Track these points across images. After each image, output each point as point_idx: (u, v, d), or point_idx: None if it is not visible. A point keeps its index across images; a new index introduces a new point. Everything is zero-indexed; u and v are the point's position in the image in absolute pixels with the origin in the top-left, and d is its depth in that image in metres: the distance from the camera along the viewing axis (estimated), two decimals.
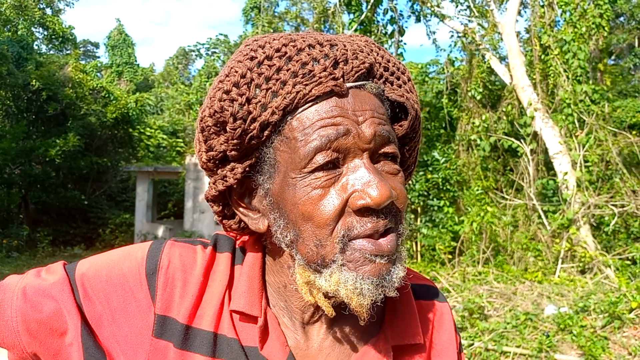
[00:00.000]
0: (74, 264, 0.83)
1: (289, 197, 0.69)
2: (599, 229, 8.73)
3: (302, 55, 0.68)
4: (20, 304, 0.78)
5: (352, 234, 0.67)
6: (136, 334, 0.76)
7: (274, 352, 0.75)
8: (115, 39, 30.46)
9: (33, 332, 0.77)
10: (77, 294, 0.78)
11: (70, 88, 16.75)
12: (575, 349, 5.56)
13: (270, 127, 0.68)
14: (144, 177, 16.84)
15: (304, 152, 0.67)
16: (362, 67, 0.70)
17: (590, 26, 9.11)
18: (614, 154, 8.89)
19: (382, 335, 0.79)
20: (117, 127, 18.44)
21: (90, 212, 18.21)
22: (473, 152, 10.67)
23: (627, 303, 6.01)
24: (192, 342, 0.75)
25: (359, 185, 0.67)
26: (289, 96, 0.67)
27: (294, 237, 0.70)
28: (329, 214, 0.67)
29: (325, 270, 0.68)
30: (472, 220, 8.65)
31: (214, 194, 0.76)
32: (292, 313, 0.78)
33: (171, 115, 24.32)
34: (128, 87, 26.44)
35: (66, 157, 15.86)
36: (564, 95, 8.94)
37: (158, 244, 0.81)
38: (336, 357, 0.77)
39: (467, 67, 11.66)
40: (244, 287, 0.77)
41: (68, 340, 0.76)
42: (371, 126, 0.69)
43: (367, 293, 0.67)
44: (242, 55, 0.72)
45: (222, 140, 0.71)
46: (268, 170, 0.71)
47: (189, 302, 0.76)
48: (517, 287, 7.09)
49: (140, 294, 0.77)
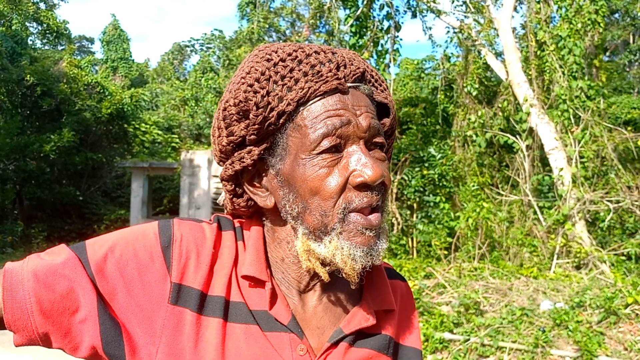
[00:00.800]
0: (79, 245, 0.88)
1: (299, 175, 0.82)
2: (594, 225, 8.76)
3: (311, 59, 0.84)
4: (33, 284, 0.82)
5: (351, 207, 0.81)
6: (152, 303, 0.83)
7: (281, 312, 0.86)
8: (111, 35, 30.30)
9: (46, 312, 0.81)
10: (90, 271, 0.83)
11: (65, 83, 16.65)
12: (571, 344, 5.58)
13: (285, 116, 0.82)
14: (139, 173, 16.79)
15: (313, 137, 0.81)
16: (358, 72, 0.86)
17: (585, 22, 9.12)
18: (609, 149, 8.91)
19: (364, 301, 0.92)
20: (112, 123, 18.36)
21: (85, 208, 18.15)
22: (469, 148, 10.68)
23: (622, 298, 6.03)
24: (207, 307, 0.84)
25: (357, 165, 0.81)
26: (302, 91, 0.81)
27: (302, 209, 0.83)
28: (333, 188, 0.81)
29: (325, 237, 0.81)
30: (468, 216, 8.66)
31: (230, 173, 0.89)
32: (289, 283, 0.90)
33: (166, 111, 24.22)
34: (123, 82, 26.32)
35: (61, 153, 15.78)
36: (560, 91, 8.95)
37: (166, 222, 0.90)
38: (328, 319, 0.90)
39: (463, 63, 11.66)
40: (252, 257, 0.88)
41: (80, 317, 0.82)
42: (366, 119, 0.83)
43: (358, 259, 0.81)
44: (259, 58, 0.86)
45: (243, 126, 0.84)
46: (280, 152, 0.84)
47: (203, 271, 0.86)
48: (512, 283, 7.11)
49: (157, 265, 0.85)
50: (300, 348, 0.85)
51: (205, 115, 20.66)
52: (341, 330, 0.88)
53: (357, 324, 0.89)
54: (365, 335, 0.90)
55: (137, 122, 19.77)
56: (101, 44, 30.24)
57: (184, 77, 31.65)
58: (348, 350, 0.88)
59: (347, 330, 0.88)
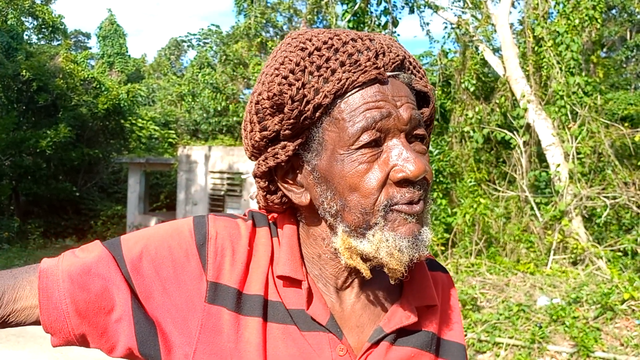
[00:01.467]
0: (114, 241, 0.87)
1: (337, 171, 0.78)
2: (591, 221, 8.77)
3: (348, 47, 0.79)
4: (68, 285, 0.81)
5: (393, 202, 0.78)
6: (187, 302, 0.81)
7: (318, 311, 0.84)
8: (107, 30, 30.18)
9: (82, 313, 0.80)
10: (124, 269, 0.82)
11: (61, 78, 16.59)
12: (567, 339, 5.59)
13: (321, 109, 0.78)
14: (135, 168, 16.76)
15: (352, 131, 0.77)
16: (397, 60, 0.81)
17: (583, 18, 9.11)
18: (606, 145, 8.91)
19: (405, 297, 0.89)
20: (108, 118, 18.31)
21: (81, 203, 18.11)
22: (466, 144, 10.68)
23: (619, 294, 6.05)
24: (244, 306, 0.82)
25: (398, 160, 0.77)
26: (339, 82, 0.77)
27: (341, 207, 0.79)
28: (373, 185, 0.77)
29: (368, 232, 0.78)
30: (465, 212, 8.66)
31: (264, 170, 0.85)
32: (326, 280, 0.87)
33: (163, 107, 24.16)
34: (119, 77, 26.23)
35: (57, 149, 15.73)
36: (557, 87, 8.95)
37: (201, 218, 0.88)
38: (367, 317, 0.87)
39: (460, 59, 11.64)
40: (287, 255, 0.86)
41: (115, 316, 0.81)
42: (407, 110, 0.79)
43: (405, 250, 0.77)
44: (292, 47, 0.81)
45: (277, 120, 0.80)
46: (316, 148, 0.81)
47: (239, 269, 0.84)
48: (509, 279, 7.12)
49: (192, 263, 0.83)
50: (340, 348, 0.83)
51: (202, 110, 20.60)
52: (381, 329, 0.86)
53: (398, 322, 0.86)
54: (407, 333, 0.88)
55: (134, 117, 19.71)
56: (97, 39, 30.14)
57: (180, 72, 31.55)
58: (389, 350, 0.85)
59: (388, 329, 0.86)
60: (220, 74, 21.18)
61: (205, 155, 15.15)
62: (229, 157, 14.85)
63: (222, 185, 14.89)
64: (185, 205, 15.28)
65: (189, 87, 21.83)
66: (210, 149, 15.32)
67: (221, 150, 15.17)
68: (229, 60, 21.39)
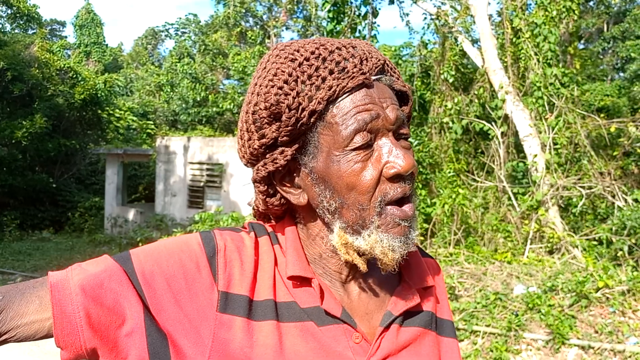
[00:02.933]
0: (124, 255, 0.88)
1: (334, 171, 0.84)
2: (567, 210, 8.90)
3: (334, 55, 0.85)
4: (81, 299, 0.81)
5: (387, 198, 0.84)
6: (199, 312, 0.84)
7: (331, 305, 0.89)
8: (83, 18, 29.68)
9: (95, 326, 0.81)
10: (136, 282, 0.84)
11: (37, 68, 16.30)
12: (543, 327, 5.68)
13: (316, 115, 0.83)
14: (113, 159, 16.56)
15: (346, 134, 0.83)
16: (379, 64, 0.88)
17: (560, 9, 9.19)
18: (582, 136, 9.03)
19: (405, 282, 0.97)
20: (85, 109, 18.05)
21: (58, 195, 17.87)
22: (445, 134, 10.74)
23: (593, 282, 6.15)
24: (256, 312, 0.86)
25: (389, 157, 0.84)
26: (330, 89, 0.83)
27: (339, 204, 0.85)
28: (369, 182, 0.83)
29: (364, 231, 0.84)
30: (444, 203, 8.72)
31: (264, 174, 0.90)
32: (331, 276, 0.92)
33: (141, 97, 23.88)
34: (96, 67, 25.84)
35: (33, 139, 15.49)
36: (535, 79, 9.03)
37: (208, 233, 0.92)
38: (374, 304, 0.94)
39: (439, 50, 11.68)
40: (294, 257, 0.90)
41: (126, 330, 0.82)
42: (393, 111, 0.85)
43: (397, 249, 0.84)
44: (282, 59, 0.87)
45: (275, 128, 0.85)
46: (312, 151, 0.86)
47: (248, 278, 0.87)
48: (487, 268, 7.20)
49: (204, 275, 0.86)
50: (355, 336, 0.88)
51: (181, 101, 20.41)
52: (390, 312, 0.92)
53: (404, 305, 0.93)
54: (412, 314, 0.95)
55: (111, 108, 19.46)
56: (74, 28, 29.62)
57: (158, 62, 31.18)
58: (399, 331, 0.92)
59: (396, 312, 0.92)
60: (199, 64, 20.98)
61: (184, 146, 15.02)
62: (208, 148, 14.74)
63: (202, 177, 14.80)
64: (164, 197, 15.16)
65: (167, 77, 21.60)
66: (190, 139, 15.19)
67: (200, 141, 15.05)
68: (208, 50, 21.20)
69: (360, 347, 0.88)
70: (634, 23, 18.41)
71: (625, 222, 7.43)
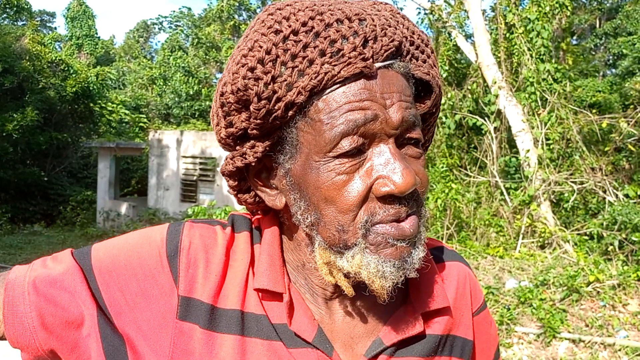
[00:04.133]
0: (84, 250, 0.80)
1: (312, 181, 0.68)
2: (559, 205, 8.96)
3: (331, 31, 0.65)
4: (33, 298, 0.75)
5: (375, 220, 0.66)
6: (159, 318, 0.74)
7: (303, 326, 0.74)
8: (75, 11, 29.45)
9: (49, 327, 0.74)
10: (92, 282, 0.76)
11: (28, 60, 16.17)
12: (534, 321, 5.73)
13: (295, 108, 0.66)
14: (105, 153, 16.48)
15: (330, 136, 0.65)
16: (392, 46, 0.68)
17: (554, 5, 9.22)
18: (574, 132, 9.08)
19: (410, 304, 0.79)
20: (77, 102, 17.94)
21: (50, 188, 17.78)
22: (438, 129, 10.76)
23: (584, 277, 6.21)
24: (219, 323, 0.73)
25: (383, 171, 0.66)
26: (317, 77, 0.64)
27: (315, 220, 0.69)
28: (352, 200, 0.66)
29: (347, 252, 0.68)
30: (437, 197, 8.75)
31: (231, 169, 0.75)
32: (313, 290, 0.77)
33: (133, 90, 23.77)
34: (88, 60, 25.67)
35: (24, 132, 15.38)
36: (528, 74, 9.06)
37: (176, 226, 0.79)
38: (362, 328, 0.77)
39: (433, 45, 11.65)
40: (265, 265, 0.76)
41: (85, 331, 0.74)
42: (399, 111, 0.67)
43: (388, 275, 0.67)
44: (265, 28, 0.68)
45: (244, 117, 0.69)
46: (290, 150, 0.70)
47: (212, 282, 0.75)
48: (479, 262, 7.24)
49: (162, 276, 0.75)
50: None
51: (174, 94, 20.32)
52: (381, 341, 0.76)
53: (401, 334, 0.76)
54: (409, 342, 0.77)
55: (104, 101, 19.35)
56: (65, 20, 29.39)
57: (150, 55, 31.00)
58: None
59: (388, 341, 0.75)
60: (192, 57, 20.89)
61: (177, 139, 14.98)
62: (201, 142, 14.71)
63: (195, 170, 14.76)
64: (157, 191, 15.12)
65: (160, 70, 21.50)
66: (182, 133, 15.15)
67: (193, 135, 15.01)
68: (201, 44, 21.09)
69: None
70: (626, 19, 18.49)
71: (616, 217, 7.49)
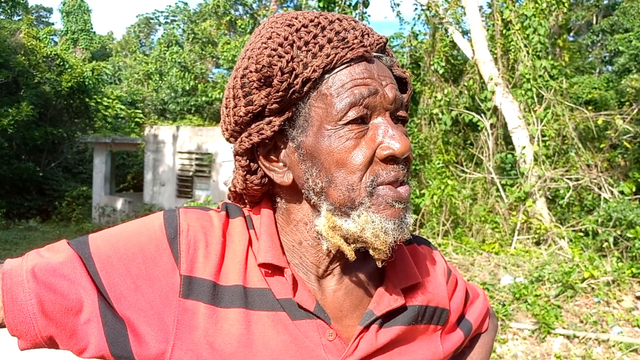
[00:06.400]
0: (81, 240, 0.84)
1: (324, 147, 0.78)
2: (554, 202, 8.97)
3: (334, 25, 0.80)
4: (33, 285, 0.77)
5: (379, 180, 0.78)
6: (161, 298, 0.79)
7: (304, 298, 0.83)
8: (71, 5, 29.31)
9: (49, 314, 0.77)
10: (91, 268, 0.80)
11: (23, 55, 16.10)
12: (529, 317, 5.75)
13: (309, 84, 0.78)
14: (101, 148, 16.43)
15: (340, 107, 0.77)
16: (381, 42, 0.83)
17: (550, 2, 9.21)
18: (570, 129, 9.09)
19: (389, 280, 0.89)
20: (72, 97, 17.87)
21: (45, 184, 17.73)
22: (435, 126, 10.75)
23: (579, 273, 6.22)
24: (222, 298, 0.80)
25: (384, 138, 0.78)
26: (327, 57, 0.77)
27: (326, 183, 0.79)
28: (360, 161, 0.78)
29: (353, 212, 0.78)
30: (433, 194, 8.76)
31: (247, 147, 0.83)
32: (307, 268, 0.86)
33: (129, 85, 23.69)
34: (84, 55, 25.57)
35: (19, 127, 15.32)
36: (524, 71, 9.06)
37: (171, 212, 0.86)
38: (350, 303, 0.87)
39: (430, 41, 11.67)
40: (267, 244, 0.84)
41: (84, 317, 0.78)
42: (392, 90, 0.81)
43: (390, 232, 0.78)
44: (278, 24, 0.82)
45: (264, 94, 0.79)
46: (302, 124, 0.80)
47: (213, 261, 0.81)
48: (475, 258, 7.26)
49: (164, 258, 0.81)
50: (329, 333, 0.83)
51: (170, 90, 20.26)
52: (372, 312, 0.86)
53: (387, 306, 0.87)
54: (394, 314, 0.88)
55: (99, 96, 19.29)
56: (61, 14, 29.25)
57: (150, 50, 30.91)
58: (379, 332, 0.86)
59: (378, 312, 0.86)
60: (188, 52, 20.82)
61: (173, 135, 14.95)
62: (197, 137, 14.67)
63: (191, 166, 14.73)
64: (152, 186, 15.09)
65: (156, 65, 21.43)
66: (179, 128, 15.11)
67: (189, 130, 14.97)
68: (197, 39, 21.04)
69: (333, 345, 0.83)
70: (622, 16, 18.51)
71: (610, 213, 7.51)
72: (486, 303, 1.12)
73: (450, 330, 0.99)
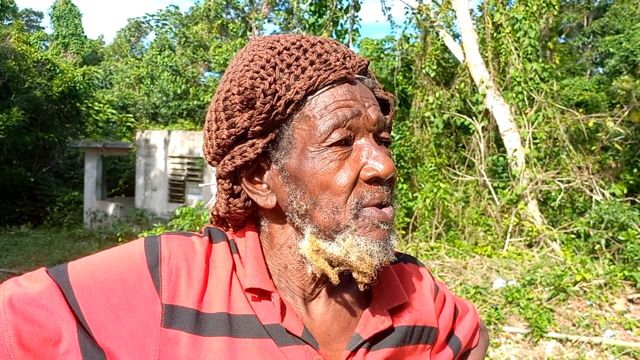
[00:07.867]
0: (60, 268, 0.81)
1: (308, 169, 0.78)
2: (546, 204, 8.99)
3: (316, 48, 0.81)
4: (10, 316, 0.75)
5: (364, 202, 0.78)
6: (142, 328, 0.77)
7: (292, 323, 0.81)
8: (61, 9, 29.19)
9: (26, 345, 0.74)
10: (71, 298, 0.77)
11: (13, 60, 16.00)
12: (522, 320, 5.75)
13: (292, 105, 0.78)
14: (92, 153, 16.35)
15: (323, 129, 0.77)
16: (363, 64, 0.83)
17: (541, 4, 9.25)
18: (561, 131, 9.12)
19: (376, 302, 0.89)
20: (63, 102, 17.79)
21: (36, 189, 17.62)
22: (427, 129, 10.77)
23: (571, 276, 6.23)
24: (205, 327, 0.78)
25: (368, 159, 0.78)
26: (310, 79, 0.77)
27: (311, 206, 0.78)
28: (345, 183, 0.77)
29: (338, 235, 0.77)
30: (426, 197, 8.76)
31: (230, 169, 0.82)
32: (293, 292, 0.85)
33: (121, 90, 23.60)
34: (75, 59, 25.46)
35: (10, 133, 15.22)
36: (515, 73, 9.09)
37: (153, 238, 0.84)
38: (338, 326, 0.86)
39: (421, 44, 11.69)
40: (254, 268, 0.83)
41: (63, 348, 0.75)
42: (375, 111, 0.81)
43: (375, 254, 0.77)
44: (260, 47, 0.82)
45: (247, 117, 0.79)
46: (285, 146, 0.80)
47: (196, 288, 0.80)
48: (467, 262, 7.26)
49: (144, 287, 0.78)
50: (317, 359, 0.81)
51: (161, 94, 20.20)
52: (359, 335, 0.85)
53: (374, 328, 0.86)
54: (381, 336, 0.88)
55: (90, 100, 19.21)
56: (51, 19, 29.12)
57: (141, 54, 30.83)
58: (366, 355, 0.85)
59: (365, 335, 0.85)
60: (180, 56, 20.78)
61: (165, 139, 14.89)
62: (189, 142, 14.63)
63: (183, 170, 14.68)
64: (144, 191, 15.02)
65: (147, 69, 21.36)
66: (170, 133, 15.06)
67: (181, 135, 14.92)
68: (189, 43, 20.99)
69: None
70: (613, 18, 18.62)
71: (602, 215, 7.53)
72: (476, 318, 1.11)
73: (440, 349, 0.99)
